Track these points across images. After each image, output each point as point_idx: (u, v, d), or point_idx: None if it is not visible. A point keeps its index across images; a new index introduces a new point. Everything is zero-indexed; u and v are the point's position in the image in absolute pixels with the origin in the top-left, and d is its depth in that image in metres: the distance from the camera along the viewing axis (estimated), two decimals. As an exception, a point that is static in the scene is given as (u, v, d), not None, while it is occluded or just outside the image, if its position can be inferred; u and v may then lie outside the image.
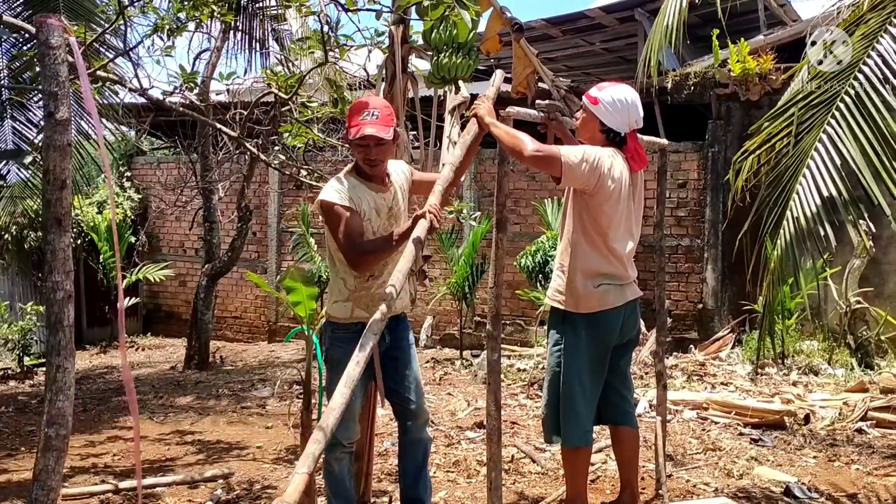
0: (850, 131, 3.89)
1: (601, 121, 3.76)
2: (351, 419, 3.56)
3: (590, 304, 3.77)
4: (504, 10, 4.08)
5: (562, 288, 3.85)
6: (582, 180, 3.63)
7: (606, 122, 3.75)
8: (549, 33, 11.68)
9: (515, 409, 6.96)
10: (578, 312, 3.79)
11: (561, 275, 3.87)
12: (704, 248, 9.71)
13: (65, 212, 2.21)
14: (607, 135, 3.77)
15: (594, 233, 3.74)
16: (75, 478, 5.14)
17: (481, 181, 11.01)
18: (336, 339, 3.63)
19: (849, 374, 7.83)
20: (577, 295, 3.78)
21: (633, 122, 3.78)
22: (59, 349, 2.19)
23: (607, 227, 3.72)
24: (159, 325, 13.36)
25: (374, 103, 3.50)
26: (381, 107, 3.49)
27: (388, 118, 3.46)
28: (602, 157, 3.65)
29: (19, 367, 9.92)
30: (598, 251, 3.75)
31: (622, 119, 3.75)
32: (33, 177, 8.71)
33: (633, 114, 3.77)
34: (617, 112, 3.74)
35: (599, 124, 3.78)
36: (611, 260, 3.77)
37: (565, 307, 3.82)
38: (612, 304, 3.78)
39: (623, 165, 3.75)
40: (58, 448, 2.22)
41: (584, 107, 3.85)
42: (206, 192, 10.08)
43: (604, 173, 3.63)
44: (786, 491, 4.74)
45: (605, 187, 3.65)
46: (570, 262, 3.82)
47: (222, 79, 6.05)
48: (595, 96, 3.77)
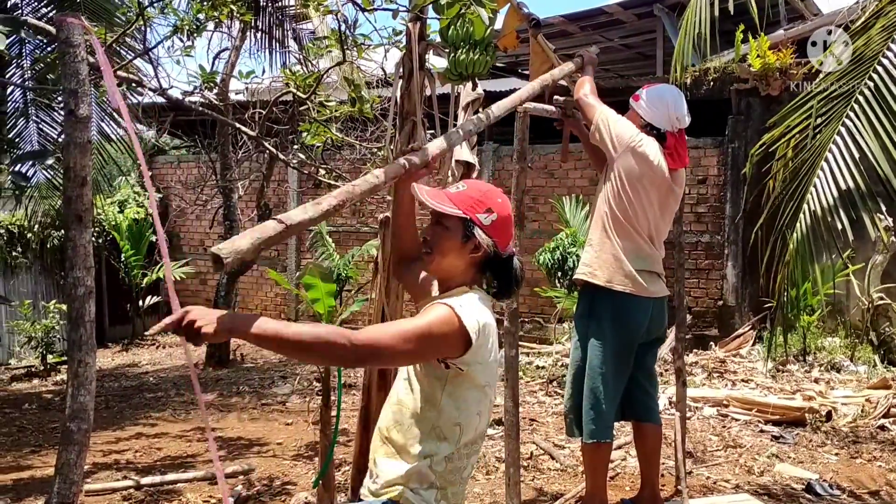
0: (870, 124, 3.85)
1: (642, 116, 3.93)
2: None
3: (620, 280, 3.79)
4: (522, 7, 4.08)
5: (589, 261, 3.90)
6: (606, 143, 3.85)
7: (646, 118, 3.92)
8: (567, 29, 11.64)
9: (534, 406, 6.95)
10: (606, 291, 3.80)
11: (590, 248, 3.95)
12: (724, 245, 9.65)
13: (85, 208, 2.23)
14: (647, 129, 3.91)
15: (616, 207, 3.83)
16: (98, 474, 5.19)
17: (500, 178, 11.00)
18: None
19: (871, 371, 7.77)
20: (607, 267, 3.82)
21: (674, 121, 3.91)
22: (81, 344, 2.22)
23: (628, 203, 3.80)
24: (181, 323, 13.44)
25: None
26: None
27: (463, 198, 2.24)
28: (632, 133, 3.83)
29: (42, 365, 10.04)
30: (624, 226, 3.82)
31: (662, 116, 3.90)
32: (55, 176, 8.81)
33: (673, 112, 3.90)
34: (656, 109, 3.91)
35: (641, 120, 3.94)
36: (636, 237, 3.83)
37: (595, 280, 3.84)
38: (640, 291, 3.79)
39: (660, 155, 3.85)
40: (79, 442, 2.25)
41: (629, 104, 4.03)
42: (225, 191, 10.13)
43: (629, 145, 3.79)
44: (807, 488, 4.71)
45: (628, 159, 3.78)
46: (599, 235, 3.89)
47: (242, 77, 6.08)
48: (638, 94, 3.99)
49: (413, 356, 2.03)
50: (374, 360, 2.06)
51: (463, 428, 2.11)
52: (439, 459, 2.11)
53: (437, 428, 2.11)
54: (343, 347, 1.85)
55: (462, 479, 2.18)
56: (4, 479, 5.24)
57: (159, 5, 5.71)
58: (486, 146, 10.94)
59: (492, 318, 2.14)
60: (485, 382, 2.13)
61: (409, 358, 2.05)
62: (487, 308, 2.15)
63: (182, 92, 6.13)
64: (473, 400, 2.11)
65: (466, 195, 2.19)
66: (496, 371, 2.20)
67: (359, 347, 1.87)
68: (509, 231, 2.25)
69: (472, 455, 2.21)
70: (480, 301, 2.13)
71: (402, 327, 1.98)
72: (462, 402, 2.10)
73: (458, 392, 2.09)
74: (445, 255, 2.16)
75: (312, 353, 1.89)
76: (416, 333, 1.97)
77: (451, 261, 2.17)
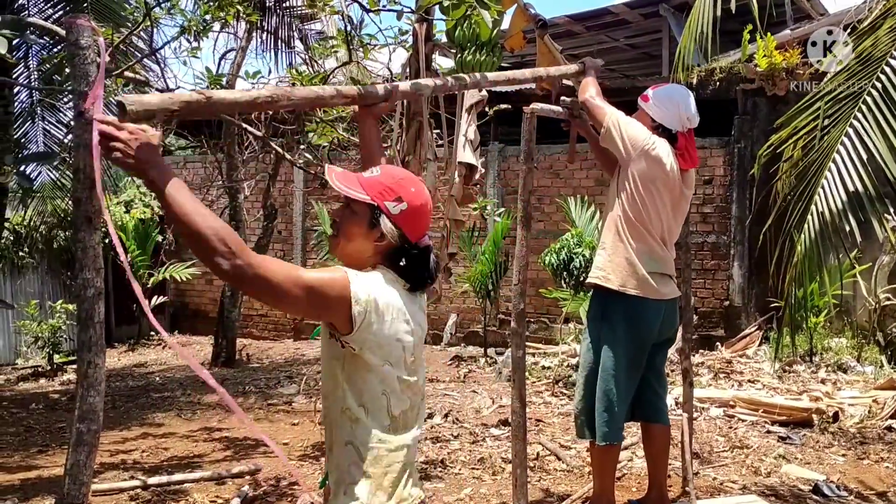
0: (878, 126, 3.84)
1: (652, 117, 3.89)
2: None
3: (633, 284, 3.78)
4: (528, 7, 4.08)
5: (602, 264, 3.89)
6: (618, 146, 3.79)
7: (657, 118, 3.88)
8: (573, 30, 11.65)
9: (540, 407, 6.95)
10: (619, 295, 3.79)
11: (602, 252, 3.93)
12: (731, 245, 9.64)
13: (95, 210, 2.24)
14: (658, 131, 3.88)
15: (630, 210, 3.80)
16: (105, 474, 5.20)
17: (505, 178, 11.00)
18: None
19: (878, 372, 7.75)
20: (620, 271, 3.81)
21: (684, 121, 3.88)
22: (90, 345, 2.22)
23: (641, 206, 3.78)
24: (186, 322, 13.46)
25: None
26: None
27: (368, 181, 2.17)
28: (644, 135, 3.79)
29: (49, 365, 10.07)
30: (637, 228, 3.80)
31: (672, 116, 3.86)
32: (62, 177, 8.84)
33: (684, 112, 3.87)
34: (667, 109, 3.87)
35: (651, 120, 3.90)
36: (649, 240, 3.81)
37: (607, 284, 3.83)
38: (652, 294, 3.78)
39: (671, 157, 3.82)
40: (89, 443, 2.25)
41: (638, 105, 3.99)
42: (231, 191, 10.14)
43: (643, 149, 3.75)
44: (814, 489, 4.70)
45: (641, 162, 3.75)
46: (612, 238, 3.87)
47: (248, 77, 6.09)
48: (647, 94, 3.95)
49: (298, 305, 1.94)
50: (261, 291, 1.90)
51: (369, 410, 2.05)
52: (360, 445, 2.06)
53: (346, 410, 2.06)
54: (231, 260, 1.79)
55: (401, 466, 2.10)
56: (12, 478, 5.25)
57: (166, 6, 5.73)
58: (492, 146, 10.94)
59: (397, 299, 2.07)
60: (383, 362, 2.04)
61: (295, 305, 1.94)
62: (395, 289, 2.08)
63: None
64: (375, 380, 2.04)
65: (377, 181, 2.11)
66: (407, 348, 2.10)
67: (248, 268, 1.80)
68: (421, 222, 2.15)
69: (405, 438, 2.12)
70: (386, 280, 2.07)
71: (297, 272, 1.90)
72: (362, 383, 2.04)
73: (357, 373, 2.04)
74: (350, 239, 2.10)
75: (199, 246, 1.82)
76: (308, 282, 1.90)
77: (357, 246, 2.10)
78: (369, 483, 2.06)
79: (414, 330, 2.13)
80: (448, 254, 4.17)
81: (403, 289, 2.11)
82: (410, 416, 2.15)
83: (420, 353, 2.20)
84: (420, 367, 2.20)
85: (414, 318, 2.14)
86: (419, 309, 2.21)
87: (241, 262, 1.80)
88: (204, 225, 1.78)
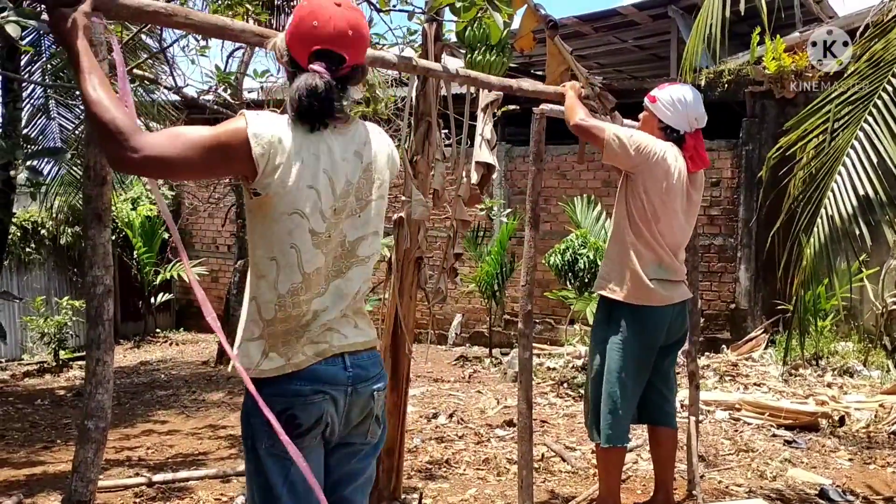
0: (888, 129, 3.83)
1: (659, 118, 3.83)
2: None
3: (638, 295, 3.75)
4: (538, 8, 4.07)
5: (607, 275, 3.86)
6: (625, 160, 3.69)
7: (664, 119, 3.82)
8: (582, 31, 11.62)
9: (545, 408, 6.95)
10: (626, 303, 3.77)
11: (608, 262, 3.90)
12: (738, 248, 9.62)
13: (105, 207, 2.24)
14: (665, 132, 3.82)
15: (641, 220, 3.75)
16: (110, 470, 5.21)
17: (512, 179, 10.99)
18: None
19: (885, 376, 7.72)
20: (624, 282, 3.78)
21: (692, 121, 3.82)
22: (99, 343, 2.22)
23: (655, 216, 3.73)
24: (192, 320, 13.48)
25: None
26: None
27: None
28: (652, 144, 3.70)
29: (55, 361, 10.09)
30: (645, 238, 3.76)
31: (680, 117, 3.80)
32: (69, 173, 8.86)
33: (692, 112, 3.81)
34: (675, 110, 3.80)
35: (658, 122, 3.84)
36: (657, 249, 3.76)
37: (612, 295, 3.82)
38: (660, 302, 3.76)
39: (680, 160, 3.78)
40: (97, 440, 2.25)
41: (644, 106, 3.92)
42: (238, 189, 10.16)
43: (652, 158, 3.67)
44: (820, 493, 4.69)
45: (654, 173, 3.69)
46: (618, 248, 3.84)
47: (256, 76, 6.10)
48: (654, 95, 3.86)
49: (204, 167, 1.90)
50: (163, 171, 1.89)
51: (280, 264, 1.98)
52: (264, 302, 2.01)
53: (256, 264, 2.02)
54: (121, 150, 1.76)
55: (300, 333, 2.02)
56: (17, 474, 5.27)
57: (174, 4, 5.73)
58: (499, 147, 10.93)
59: (309, 141, 1.97)
60: (292, 210, 1.95)
61: (200, 169, 1.92)
62: (305, 130, 1.97)
63: (197, 90, 6.15)
64: (283, 230, 1.97)
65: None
66: (325, 196, 1.99)
67: (136, 152, 1.76)
68: (305, 39, 2.00)
69: (309, 303, 2.02)
70: (288, 121, 1.97)
71: (187, 135, 1.85)
72: (270, 234, 1.98)
73: (266, 223, 1.98)
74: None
75: (94, 129, 1.82)
76: (201, 141, 1.85)
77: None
78: (262, 343, 2.03)
79: (335, 177, 2.01)
80: (454, 254, 4.17)
81: (309, 131, 1.99)
82: (324, 274, 2.04)
83: (349, 203, 2.06)
84: (345, 219, 2.07)
85: (336, 164, 2.02)
86: (352, 154, 2.07)
87: (129, 149, 1.76)
88: (108, 114, 1.76)
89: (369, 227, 2.14)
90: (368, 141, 2.14)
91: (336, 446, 2.15)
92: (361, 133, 2.13)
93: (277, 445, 1.96)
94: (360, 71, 2.14)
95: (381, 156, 2.17)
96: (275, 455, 2.03)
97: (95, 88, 1.79)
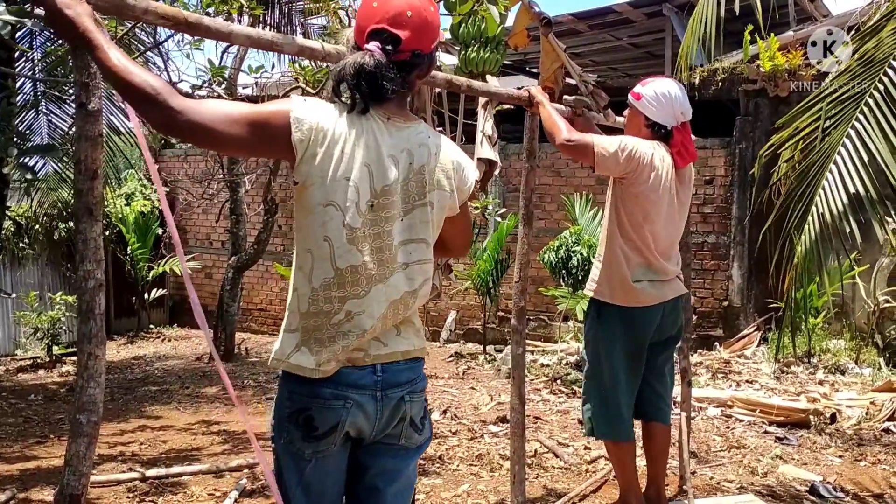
0: (879, 128, 3.85)
1: (645, 115, 3.78)
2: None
3: (626, 297, 3.76)
4: (532, 5, 4.07)
5: (597, 277, 3.87)
6: (617, 169, 3.65)
7: (650, 116, 3.77)
8: (576, 28, 11.62)
9: (538, 405, 6.97)
10: (613, 304, 3.78)
11: (598, 264, 3.89)
12: (731, 245, 9.64)
13: (96, 201, 2.24)
14: (653, 129, 3.78)
15: (630, 224, 3.74)
16: (103, 465, 5.21)
17: (507, 176, 10.99)
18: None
19: (876, 374, 7.76)
20: (612, 285, 3.79)
21: (678, 115, 3.77)
22: (91, 337, 2.23)
23: (644, 219, 3.71)
24: (186, 316, 13.46)
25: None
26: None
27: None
28: (640, 147, 3.65)
29: (48, 356, 10.08)
30: (634, 242, 3.75)
31: (666, 112, 3.75)
32: (65, 168, 8.84)
33: (677, 107, 3.76)
34: (660, 105, 3.75)
35: (644, 119, 3.79)
36: (646, 252, 3.75)
37: (600, 297, 3.83)
38: (648, 302, 3.76)
39: (667, 159, 3.74)
40: (89, 434, 2.26)
41: (629, 104, 3.88)
42: (232, 185, 10.15)
43: (641, 162, 3.63)
44: (811, 489, 4.71)
45: (643, 177, 3.65)
46: (606, 252, 3.83)
47: (251, 72, 6.10)
48: (638, 92, 3.81)
49: (242, 144, 1.86)
50: (207, 140, 1.84)
51: (314, 256, 1.94)
52: (301, 295, 1.97)
53: (297, 255, 1.98)
54: (165, 111, 1.73)
55: (332, 333, 1.95)
56: (11, 469, 5.26)
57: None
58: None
59: (345, 128, 1.90)
60: (326, 201, 1.89)
61: (238, 145, 1.87)
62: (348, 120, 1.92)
63: (191, 86, 6.14)
64: (317, 222, 1.91)
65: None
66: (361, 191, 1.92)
67: (187, 120, 1.75)
68: (364, 19, 1.99)
69: (343, 301, 1.94)
70: (336, 110, 1.93)
71: (235, 109, 1.84)
72: (306, 224, 1.93)
73: (303, 213, 1.93)
74: None
75: (129, 97, 1.77)
76: (245, 117, 1.84)
77: None
78: (297, 335, 1.99)
79: (376, 173, 1.94)
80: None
81: (370, 120, 1.94)
82: (364, 276, 1.96)
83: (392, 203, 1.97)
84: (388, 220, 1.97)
85: (381, 159, 1.94)
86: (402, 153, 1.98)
87: (173, 110, 1.74)
88: (139, 78, 1.73)
89: (414, 234, 2.03)
90: (426, 144, 2.03)
91: (372, 443, 2.09)
92: (421, 135, 2.04)
93: (295, 443, 1.96)
94: (426, 60, 2.05)
95: (443, 164, 2.07)
96: (291, 453, 2.02)
97: (119, 59, 1.74)
